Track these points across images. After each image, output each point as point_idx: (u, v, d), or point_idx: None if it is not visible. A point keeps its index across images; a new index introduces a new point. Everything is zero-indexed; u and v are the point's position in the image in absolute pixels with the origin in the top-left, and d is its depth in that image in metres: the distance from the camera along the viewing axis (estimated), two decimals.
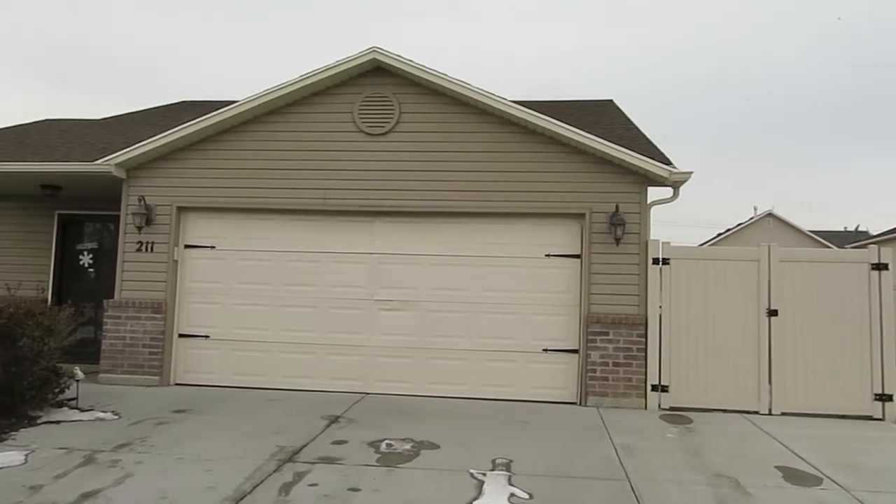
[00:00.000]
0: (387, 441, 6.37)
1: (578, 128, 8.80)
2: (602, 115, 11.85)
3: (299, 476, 5.30)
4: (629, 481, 5.44)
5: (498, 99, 8.84)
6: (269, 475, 5.30)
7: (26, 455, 5.69)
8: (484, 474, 5.46)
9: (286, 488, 5.02)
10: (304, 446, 6.15)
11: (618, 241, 8.61)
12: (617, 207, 8.61)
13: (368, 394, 8.84)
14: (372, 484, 5.18)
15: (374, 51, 8.97)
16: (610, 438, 6.84)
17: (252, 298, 9.32)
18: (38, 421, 6.94)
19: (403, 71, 9.05)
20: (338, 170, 9.14)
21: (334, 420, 7.28)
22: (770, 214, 43.23)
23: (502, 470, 5.60)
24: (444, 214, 9.06)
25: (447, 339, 8.96)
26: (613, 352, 8.53)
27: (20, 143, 11.72)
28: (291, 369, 9.13)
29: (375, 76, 9.24)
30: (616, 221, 8.57)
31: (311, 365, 9.12)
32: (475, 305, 8.97)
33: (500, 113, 8.90)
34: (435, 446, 6.30)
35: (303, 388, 8.98)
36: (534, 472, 5.60)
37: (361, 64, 9.06)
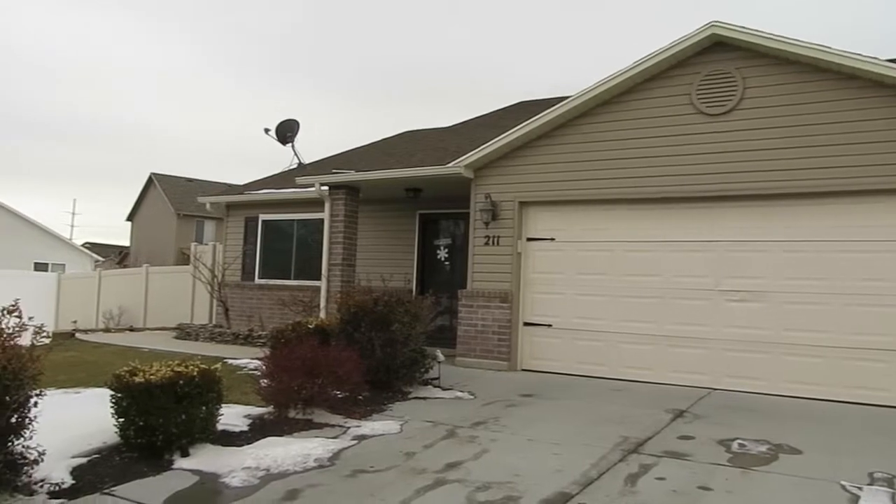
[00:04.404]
0: (739, 441, 5.94)
1: None
2: None
3: (645, 468, 5.21)
4: None
5: (869, 60, 7.65)
6: (615, 464, 5.30)
7: (401, 425, 6.49)
8: (859, 488, 4.78)
9: (632, 479, 4.97)
10: (649, 439, 6.03)
11: None
12: None
13: (715, 389, 8.36)
14: (724, 485, 4.88)
15: (714, 25, 8.42)
16: None
17: (591, 289, 9.44)
18: (409, 396, 7.88)
19: (747, 42, 8.35)
20: (675, 155, 8.79)
21: (679, 414, 7.03)
22: None
23: (883, 486, 4.85)
24: (797, 196, 8.17)
25: (805, 333, 8.06)
26: None
27: (388, 154, 13.47)
28: (631, 360, 9.05)
29: (714, 52, 8.68)
30: None
31: (652, 356, 8.93)
32: (838, 297, 7.91)
33: (870, 76, 7.71)
34: (795, 451, 5.71)
35: (643, 379, 8.84)
36: None
37: (699, 41, 8.59)
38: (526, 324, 9.90)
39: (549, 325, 9.71)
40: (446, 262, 12.73)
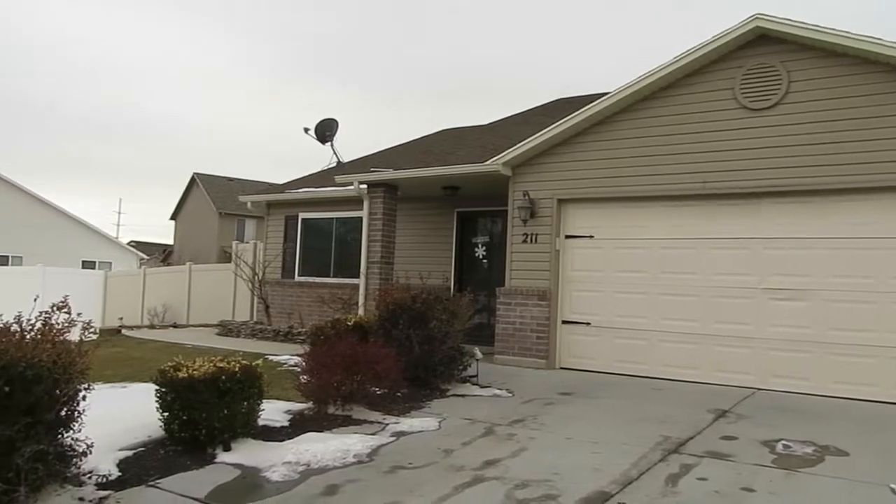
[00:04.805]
0: (783, 442, 5.81)
1: None
2: None
3: (686, 468, 5.13)
4: None
5: None
6: (655, 464, 5.23)
7: (439, 422, 6.50)
8: None
9: (673, 479, 4.90)
10: (690, 439, 5.95)
11: None
12: None
13: (758, 389, 8.20)
14: (768, 486, 4.78)
15: (758, 18, 8.26)
16: None
17: (630, 287, 9.34)
18: (447, 393, 7.88)
19: (793, 35, 8.17)
20: (717, 151, 8.65)
21: (721, 414, 6.91)
22: None
23: None
24: (844, 191, 7.97)
25: (852, 332, 7.85)
26: None
27: (426, 152, 13.49)
28: (672, 359, 8.93)
29: (757, 46, 8.51)
30: None
31: (693, 355, 8.80)
32: (886, 295, 7.70)
33: None
34: (842, 453, 5.57)
35: (683, 378, 8.72)
36: None
37: (742, 35, 8.43)
38: (564, 322, 9.84)
39: (588, 324, 9.63)
40: (484, 260, 12.71)
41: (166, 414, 5.38)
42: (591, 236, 9.73)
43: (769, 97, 8.36)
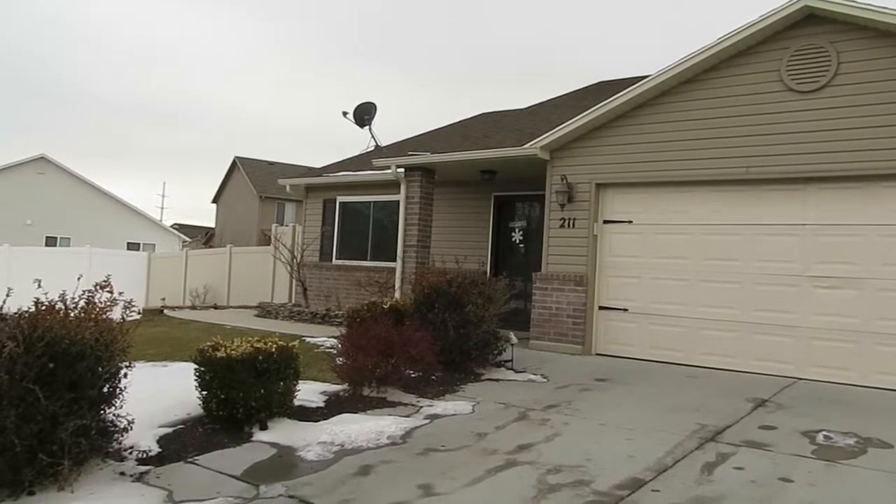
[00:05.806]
0: (824, 433, 5.69)
1: None
2: None
3: (723, 457, 5.06)
4: None
5: None
6: (690, 452, 5.16)
7: (473, 406, 6.51)
8: None
9: (709, 468, 4.83)
10: (728, 427, 5.85)
11: None
12: None
13: (800, 379, 8.02)
14: (807, 477, 4.68)
15: None
16: None
17: (669, 273, 9.20)
18: (482, 377, 7.89)
19: (843, 14, 7.89)
20: (762, 135, 8.42)
21: (761, 403, 6.78)
22: None
23: None
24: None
25: None
26: None
27: (464, 136, 13.45)
28: (710, 347, 8.78)
29: (805, 26, 8.25)
30: None
31: (732, 343, 8.64)
32: None
33: None
34: (886, 445, 5.43)
35: (722, 366, 8.58)
36: None
37: (789, 14, 8.16)
38: (601, 308, 9.74)
39: (625, 310, 9.52)
40: (521, 245, 12.64)
41: (205, 392, 5.49)
42: (630, 221, 9.59)
43: (817, 79, 8.11)
